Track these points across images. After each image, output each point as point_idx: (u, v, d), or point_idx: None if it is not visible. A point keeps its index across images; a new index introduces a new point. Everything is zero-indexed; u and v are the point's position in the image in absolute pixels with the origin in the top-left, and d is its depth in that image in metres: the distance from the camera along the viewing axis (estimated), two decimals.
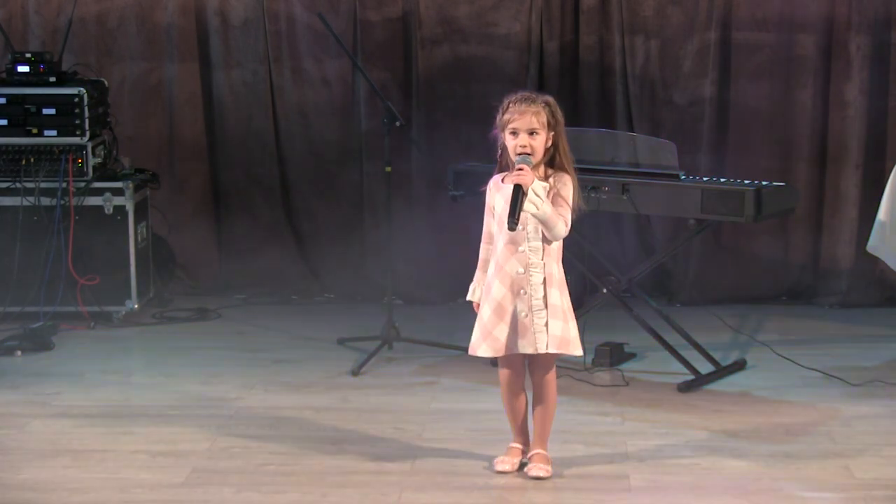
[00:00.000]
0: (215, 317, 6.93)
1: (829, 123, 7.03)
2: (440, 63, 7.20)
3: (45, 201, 6.60)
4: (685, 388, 5.56)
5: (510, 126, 4.46)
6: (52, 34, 7.20)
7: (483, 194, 4.62)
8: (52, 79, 6.69)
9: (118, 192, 6.67)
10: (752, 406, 5.37)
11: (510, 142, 4.47)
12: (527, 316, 4.45)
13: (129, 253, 6.68)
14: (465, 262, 6.83)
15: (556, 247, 4.51)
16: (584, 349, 5.79)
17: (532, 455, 4.60)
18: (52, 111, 6.64)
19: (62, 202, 6.58)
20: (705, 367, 5.72)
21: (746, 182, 5.54)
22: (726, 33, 7.02)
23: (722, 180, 5.63)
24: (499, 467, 4.60)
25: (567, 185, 4.47)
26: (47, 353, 6.18)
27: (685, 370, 5.69)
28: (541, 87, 7.15)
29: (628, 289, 5.96)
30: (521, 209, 4.36)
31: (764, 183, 5.54)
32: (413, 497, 4.40)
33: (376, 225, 7.16)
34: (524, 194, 4.37)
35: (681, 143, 5.90)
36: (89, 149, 6.66)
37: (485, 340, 4.50)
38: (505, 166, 4.55)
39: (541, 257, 4.47)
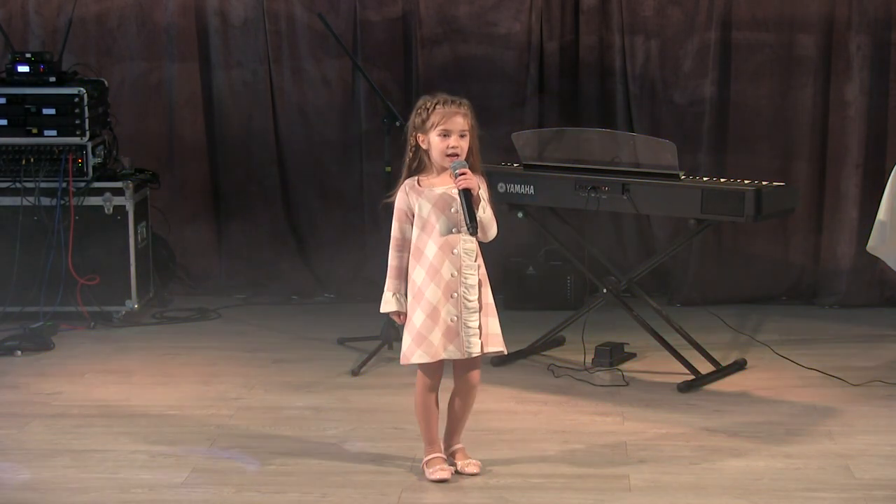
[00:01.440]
0: (215, 317, 6.94)
1: (829, 123, 7.03)
2: (440, 63, 7.20)
3: (45, 201, 6.60)
4: (685, 388, 5.56)
5: (440, 127, 4.42)
6: (52, 34, 7.20)
7: (392, 199, 4.55)
8: (52, 79, 6.69)
9: (118, 192, 6.67)
10: (752, 406, 5.37)
11: (438, 143, 4.43)
12: (454, 320, 4.44)
13: (129, 253, 6.68)
14: None
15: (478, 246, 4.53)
16: (585, 349, 5.86)
17: (456, 451, 4.59)
18: (52, 111, 6.64)
19: (62, 202, 6.58)
20: (705, 367, 5.72)
21: (746, 182, 5.55)
22: (726, 33, 7.02)
23: (722, 180, 5.63)
24: (438, 476, 4.52)
25: (484, 187, 4.49)
26: (47, 353, 6.19)
27: (685, 370, 5.69)
28: (541, 87, 7.17)
29: (628, 289, 5.96)
30: (475, 212, 4.37)
31: (764, 183, 5.54)
32: (413, 497, 4.40)
33: (376, 225, 7.16)
34: (474, 198, 4.38)
35: (681, 143, 5.91)
36: (89, 149, 6.66)
37: (419, 346, 4.44)
38: (417, 168, 4.52)
39: (475, 259, 4.47)
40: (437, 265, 4.44)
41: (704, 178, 5.73)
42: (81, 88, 6.64)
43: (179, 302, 7.13)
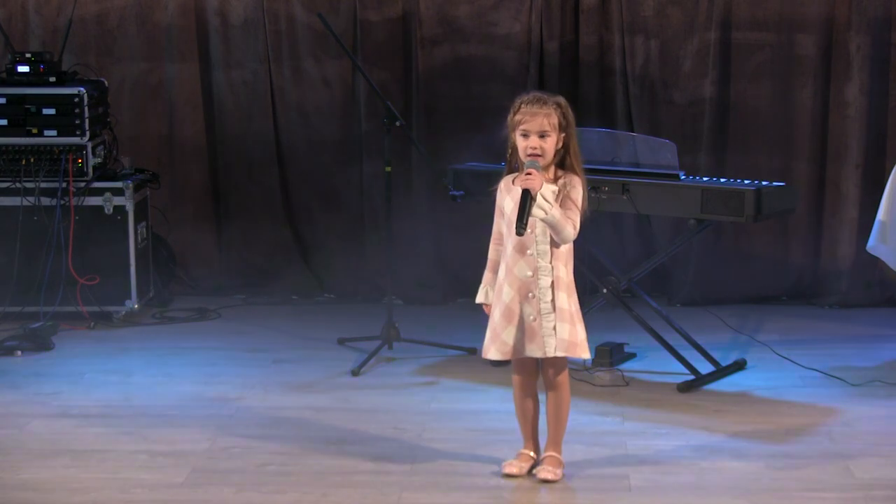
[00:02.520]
0: (215, 317, 6.93)
1: (829, 123, 7.03)
2: (440, 63, 7.20)
3: (45, 201, 6.60)
4: (685, 388, 5.56)
5: (521, 127, 4.41)
6: (52, 34, 7.20)
7: (493, 194, 4.58)
8: (52, 79, 6.69)
9: (118, 192, 6.67)
10: (752, 406, 5.37)
11: (521, 143, 4.42)
12: (535, 319, 4.44)
13: (129, 253, 6.68)
14: (464, 262, 6.88)
15: (565, 249, 4.48)
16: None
17: (544, 458, 4.60)
18: (52, 111, 6.63)
19: (62, 202, 6.58)
20: (705, 367, 5.72)
21: (746, 182, 5.55)
22: (726, 33, 7.02)
23: (722, 180, 5.63)
24: (506, 470, 4.57)
25: (577, 188, 4.44)
26: (47, 353, 6.18)
27: (685, 370, 5.69)
28: (541, 87, 7.15)
29: (628, 289, 5.95)
30: (529, 214, 4.34)
31: (764, 183, 5.54)
32: (413, 497, 4.40)
33: (376, 225, 7.16)
34: (532, 199, 4.35)
35: (681, 143, 5.91)
36: (89, 149, 6.66)
37: (493, 344, 4.49)
38: (515, 167, 4.52)
39: (549, 260, 4.45)
40: (511, 265, 4.45)
41: (704, 178, 5.73)
42: (81, 88, 6.64)
43: (179, 302, 7.13)
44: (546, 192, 4.36)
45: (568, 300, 4.48)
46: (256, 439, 4.97)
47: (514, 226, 4.35)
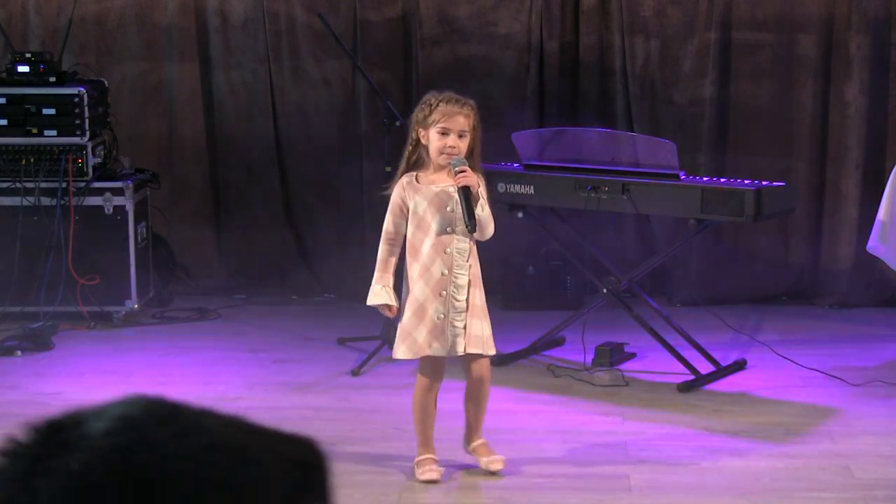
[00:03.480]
0: (215, 317, 6.93)
1: (829, 123, 7.03)
2: (440, 63, 7.20)
3: (45, 201, 6.60)
4: (685, 388, 5.56)
5: (440, 125, 4.41)
6: (52, 34, 7.19)
7: (387, 192, 4.56)
8: (52, 79, 6.69)
9: (118, 191, 6.66)
10: (752, 406, 5.37)
11: (437, 141, 4.42)
12: (441, 318, 4.43)
13: (129, 253, 6.67)
14: None
15: (475, 246, 4.51)
16: (585, 349, 5.86)
17: (477, 447, 4.58)
18: (52, 111, 6.63)
19: (62, 202, 6.58)
20: (705, 367, 5.72)
21: (746, 182, 5.54)
22: (726, 33, 7.02)
23: (722, 180, 5.63)
24: (427, 476, 4.50)
25: (483, 186, 4.47)
26: (47, 353, 6.18)
27: (685, 370, 5.69)
28: (541, 87, 7.16)
29: (628, 289, 5.95)
30: (473, 210, 4.36)
31: (764, 183, 5.54)
32: (413, 497, 4.40)
33: (376, 225, 7.15)
34: (473, 196, 4.37)
35: (681, 143, 5.90)
36: (89, 149, 6.66)
37: (403, 342, 4.46)
38: (415, 164, 4.52)
39: (467, 258, 4.46)
40: (428, 263, 4.44)
41: (704, 178, 5.73)
42: (81, 88, 6.64)
43: (179, 302, 7.13)
44: (480, 189, 4.42)
45: (480, 296, 4.50)
46: None
47: (466, 224, 4.35)
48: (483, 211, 4.41)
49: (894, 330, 6.57)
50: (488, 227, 4.46)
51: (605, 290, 5.89)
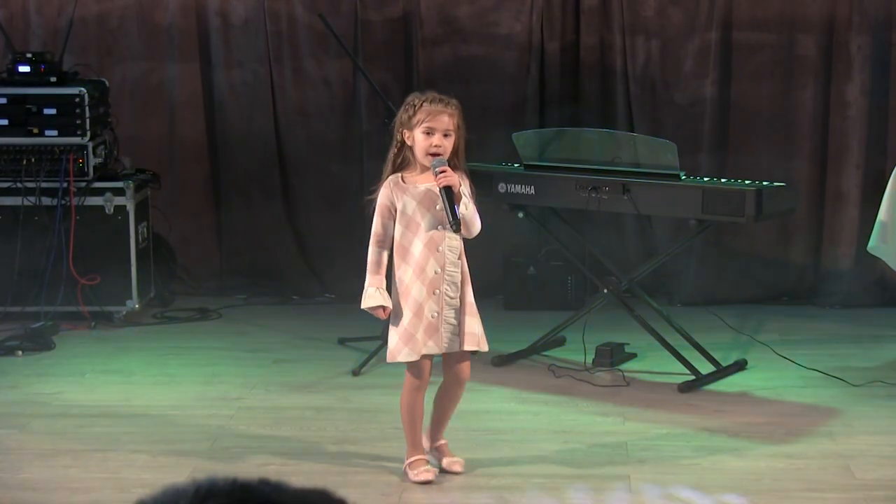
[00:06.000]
0: (216, 317, 6.93)
1: (830, 123, 7.03)
2: (441, 63, 7.20)
3: (46, 201, 6.60)
4: (685, 388, 5.56)
5: (425, 125, 4.41)
6: (53, 34, 7.20)
7: (374, 194, 4.54)
8: (53, 79, 6.69)
9: (119, 191, 6.67)
10: (752, 406, 5.37)
11: (422, 141, 4.42)
12: (435, 316, 4.43)
13: (130, 253, 6.67)
14: None
15: (462, 244, 4.51)
16: (585, 349, 5.86)
17: (440, 446, 4.58)
18: (52, 111, 6.63)
19: (63, 202, 6.58)
20: (705, 367, 5.72)
21: (747, 182, 5.55)
22: (727, 33, 7.02)
23: (723, 180, 5.63)
24: (422, 477, 4.50)
25: (467, 184, 4.47)
26: (48, 353, 6.19)
27: (685, 370, 5.69)
28: (542, 88, 7.16)
29: (629, 289, 5.96)
30: (455, 209, 4.35)
31: (764, 183, 5.54)
32: (413, 497, 4.40)
33: None
34: (456, 195, 4.37)
35: (681, 143, 5.90)
36: (90, 149, 6.66)
37: (406, 345, 4.43)
38: (401, 165, 4.51)
39: (458, 256, 4.47)
40: (422, 263, 4.44)
41: (705, 179, 5.73)
42: (82, 88, 6.64)
43: (180, 302, 7.13)
44: (463, 187, 4.42)
45: (470, 293, 4.50)
46: (257, 439, 4.97)
47: (450, 224, 4.35)
48: (467, 209, 4.39)
49: (894, 330, 6.56)
50: (473, 225, 4.43)
51: (605, 291, 5.89)
